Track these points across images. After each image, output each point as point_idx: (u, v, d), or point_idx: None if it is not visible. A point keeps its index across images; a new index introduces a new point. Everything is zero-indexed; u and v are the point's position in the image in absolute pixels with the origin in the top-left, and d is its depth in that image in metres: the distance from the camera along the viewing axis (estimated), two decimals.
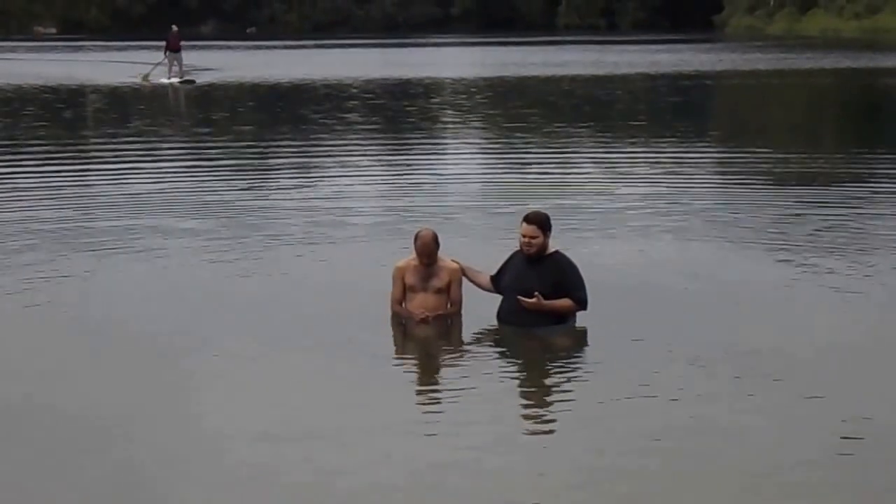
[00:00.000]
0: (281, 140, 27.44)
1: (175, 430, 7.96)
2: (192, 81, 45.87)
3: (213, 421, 8.07)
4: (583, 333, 9.95)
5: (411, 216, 15.75)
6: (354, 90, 42.90)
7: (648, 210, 16.32)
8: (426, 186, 19.37)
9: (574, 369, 9.20)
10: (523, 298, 9.77)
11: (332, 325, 10.31)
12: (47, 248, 13.79)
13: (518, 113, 33.65)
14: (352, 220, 15.71)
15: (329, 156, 23.86)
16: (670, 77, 49.36)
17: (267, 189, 19.29)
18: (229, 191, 18.70)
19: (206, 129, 30.84)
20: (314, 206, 16.83)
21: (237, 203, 17.30)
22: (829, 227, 14.79)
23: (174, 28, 48.18)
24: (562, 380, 8.95)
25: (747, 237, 14.33)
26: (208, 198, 17.88)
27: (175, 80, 46.02)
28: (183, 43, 47.80)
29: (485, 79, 48.57)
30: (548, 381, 8.96)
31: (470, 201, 17.37)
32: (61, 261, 13.10)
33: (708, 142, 26.82)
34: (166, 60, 47.59)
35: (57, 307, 11.14)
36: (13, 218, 16.00)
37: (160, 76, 46.67)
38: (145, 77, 46.98)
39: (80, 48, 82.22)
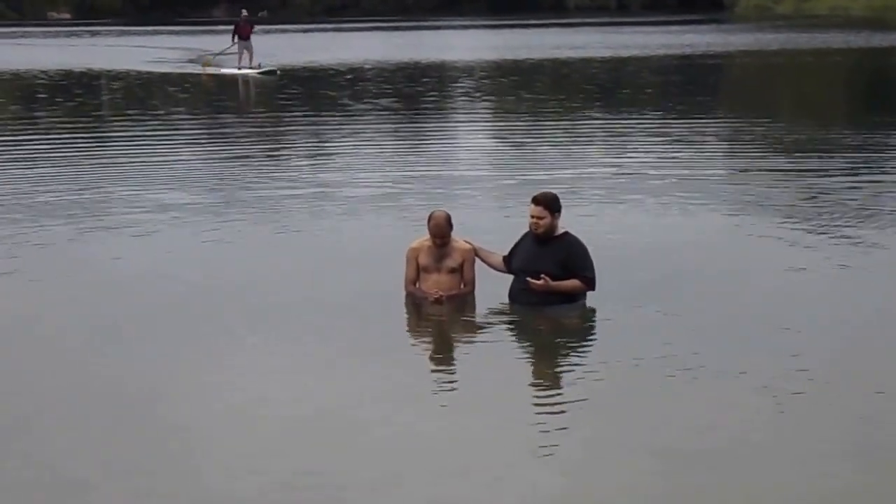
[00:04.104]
0: (304, 123, 27.45)
1: (189, 407, 8.09)
2: (274, 72, 41.13)
3: (225, 401, 8.17)
4: (592, 312, 10.05)
5: (433, 189, 16.17)
6: (385, 75, 42.35)
7: (661, 183, 16.54)
8: (448, 162, 19.74)
9: (584, 348, 9.33)
10: (532, 281, 9.91)
11: (344, 304, 10.44)
12: (34, 219, 14.32)
13: (541, 96, 33.57)
14: (364, 194, 15.99)
15: (355, 140, 23.63)
16: (695, 57, 49.13)
17: (282, 167, 19.45)
18: (244, 169, 18.91)
19: (227, 112, 30.89)
20: (329, 184, 17.05)
21: (250, 180, 17.56)
22: (842, 199, 15.01)
23: (244, 13, 43.35)
24: (572, 359, 9.06)
25: (759, 209, 14.53)
26: (220, 175, 18.18)
27: (248, 70, 41.39)
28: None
29: (510, 61, 48.01)
30: (558, 361, 9.08)
31: (488, 175, 17.78)
32: (43, 231, 13.59)
33: (736, 119, 26.63)
34: (235, 48, 42.61)
35: (33, 276, 11.54)
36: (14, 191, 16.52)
37: (228, 66, 42.42)
38: (206, 62, 43.27)
39: (96, 34, 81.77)
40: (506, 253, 10.49)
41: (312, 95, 35.20)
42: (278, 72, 41.38)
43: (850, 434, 7.46)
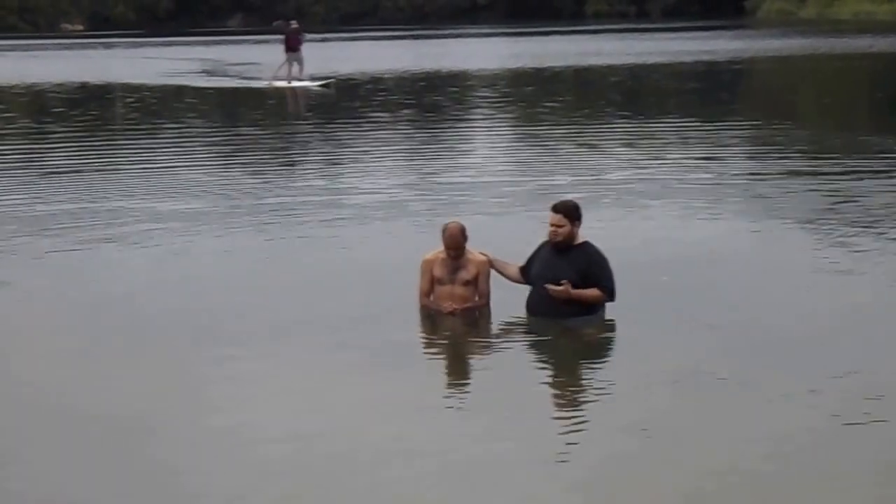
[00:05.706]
0: (320, 133, 27.22)
1: (196, 425, 7.93)
2: (329, 85, 38.87)
3: (234, 416, 8.00)
4: (612, 324, 9.84)
5: (450, 198, 16.05)
6: (404, 84, 41.80)
7: (685, 189, 16.38)
8: (467, 171, 19.57)
9: (605, 362, 9.16)
10: (551, 286, 9.67)
11: (356, 316, 10.25)
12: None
13: (563, 104, 33.35)
14: (380, 204, 15.79)
15: (373, 150, 23.27)
16: (718, 63, 48.74)
17: (296, 178, 19.27)
18: (258, 180, 18.69)
19: (243, 123, 30.69)
20: (344, 194, 16.83)
21: (263, 191, 17.39)
22: (868, 204, 14.85)
23: (292, 24, 41.02)
24: (593, 373, 8.87)
25: (784, 214, 14.35)
26: (233, 186, 17.94)
27: (302, 83, 39.19)
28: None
29: (531, 69, 47.45)
30: (578, 375, 8.90)
31: (508, 182, 17.66)
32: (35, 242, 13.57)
33: (761, 125, 26.22)
34: (286, 62, 40.22)
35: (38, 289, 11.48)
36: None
37: (279, 79, 40.10)
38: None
39: (110, 45, 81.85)
40: (522, 263, 10.25)
41: (330, 105, 35.10)
42: (332, 84, 39.68)
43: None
